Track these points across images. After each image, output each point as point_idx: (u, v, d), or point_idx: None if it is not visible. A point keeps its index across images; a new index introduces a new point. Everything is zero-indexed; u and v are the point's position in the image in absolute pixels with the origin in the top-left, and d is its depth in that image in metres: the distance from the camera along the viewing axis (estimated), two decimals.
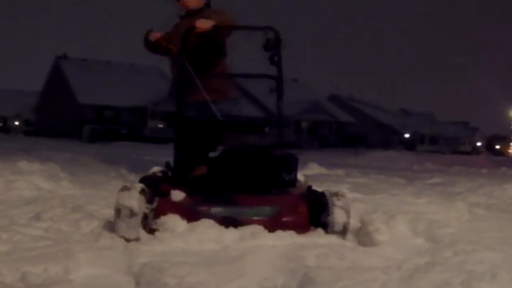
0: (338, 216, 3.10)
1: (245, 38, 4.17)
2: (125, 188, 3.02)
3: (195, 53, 3.93)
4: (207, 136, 3.60)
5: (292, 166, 3.42)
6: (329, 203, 3.13)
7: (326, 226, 3.12)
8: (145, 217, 3.00)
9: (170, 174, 3.94)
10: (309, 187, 3.48)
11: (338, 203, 3.14)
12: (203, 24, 3.87)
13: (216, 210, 3.10)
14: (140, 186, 3.09)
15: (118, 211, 2.92)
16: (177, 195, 3.16)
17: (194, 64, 3.79)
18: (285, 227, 3.06)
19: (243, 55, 4.52)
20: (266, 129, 3.64)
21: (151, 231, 3.00)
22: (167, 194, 3.16)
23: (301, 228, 3.11)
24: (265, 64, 3.72)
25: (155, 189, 3.21)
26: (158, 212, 3.08)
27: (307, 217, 3.20)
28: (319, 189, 3.43)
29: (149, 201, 3.06)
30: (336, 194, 3.21)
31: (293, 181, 3.45)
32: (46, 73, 48.81)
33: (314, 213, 3.20)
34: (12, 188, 4.43)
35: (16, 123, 58.74)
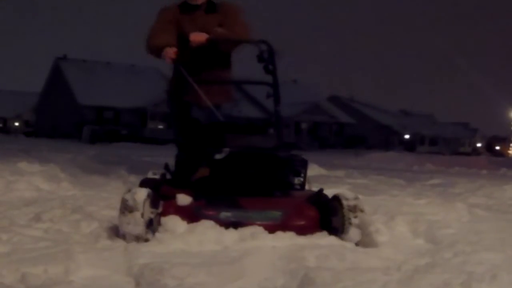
0: (353, 235, 2.95)
1: (241, 48, 4.21)
2: (130, 189, 2.98)
3: (193, 61, 3.92)
4: (207, 137, 3.55)
5: (301, 168, 3.35)
6: (345, 221, 2.94)
7: (337, 231, 3.00)
8: (150, 222, 2.92)
9: (169, 176, 3.89)
10: (320, 191, 3.30)
11: (355, 221, 2.94)
12: (197, 37, 3.86)
13: (224, 214, 3.01)
14: (145, 189, 2.99)
15: (122, 209, 2.87)
16: (183, 199, 3.08)
17: (194, 71, 3.78)
18: (294, 231, 2.97)
19: (241, 60, 4.52)
20: (271, 130, 3.58)
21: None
22: (172, 198, 3.08)
23: (311, 232, 3.00)
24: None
25: (158, 192, 3.12)
26: (163, 216, 3.01)
27: (317, 222, 3.09)
28: (330, 192, 3.27)
29: (154, 205, 2.98)
30: (354, 209, 2.97)
31: (302, 184, 3.37)
32: (46, 74, 48.89)
33: (325, 217, 3.09)
34: (12, 189, 4.43)
35: (16, 124, 58.81)
